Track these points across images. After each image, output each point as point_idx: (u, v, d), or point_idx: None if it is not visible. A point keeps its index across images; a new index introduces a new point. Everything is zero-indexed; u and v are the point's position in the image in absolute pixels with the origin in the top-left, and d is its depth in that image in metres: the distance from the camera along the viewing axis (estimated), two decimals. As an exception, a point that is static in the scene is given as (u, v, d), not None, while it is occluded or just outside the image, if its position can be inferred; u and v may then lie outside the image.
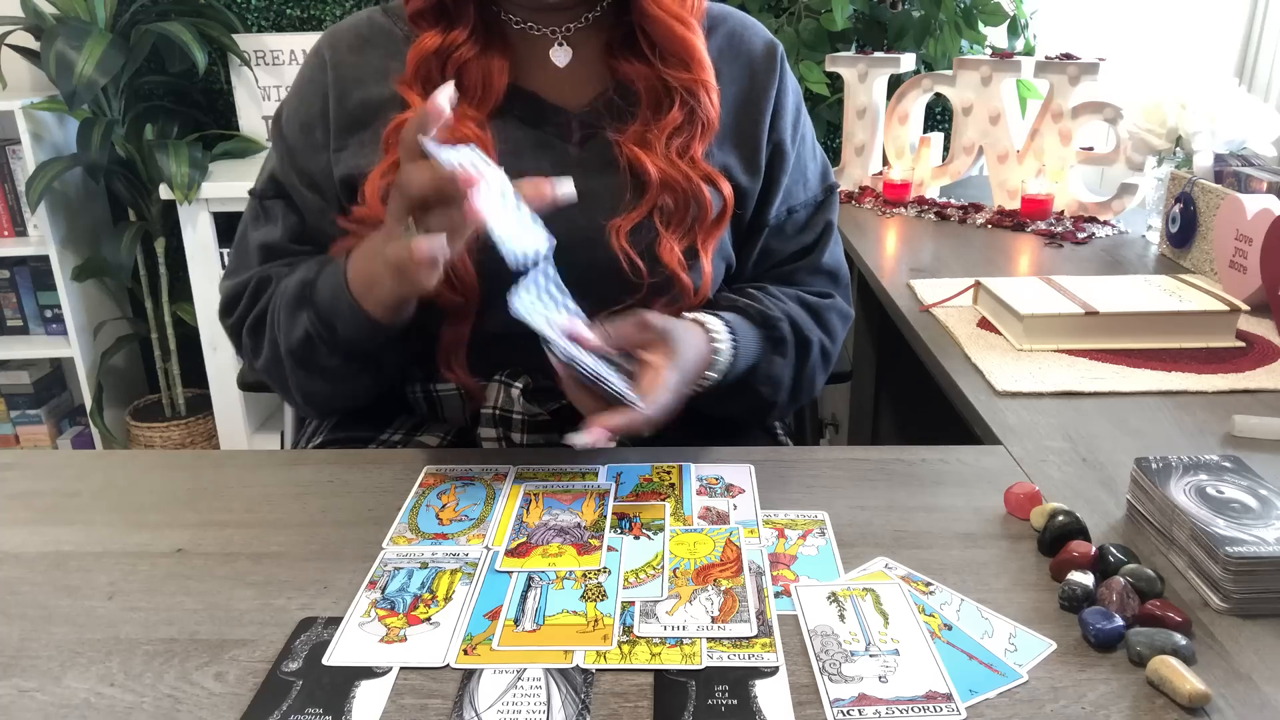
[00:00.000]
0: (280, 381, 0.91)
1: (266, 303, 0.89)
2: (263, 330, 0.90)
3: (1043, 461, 0.84)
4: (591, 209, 0.87)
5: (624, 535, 0.72)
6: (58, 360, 2.59)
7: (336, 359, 0.85)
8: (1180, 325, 1.09)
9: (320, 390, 0.89)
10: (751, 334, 0.89)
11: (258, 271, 0.91)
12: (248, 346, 0.92)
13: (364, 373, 0.88)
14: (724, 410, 0.93)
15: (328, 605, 0.65)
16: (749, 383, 0.91)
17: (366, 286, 0.79)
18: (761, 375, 0.91)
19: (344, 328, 0.82)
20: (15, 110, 2.17)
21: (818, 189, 0.99)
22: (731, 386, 0.89)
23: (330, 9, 2.40)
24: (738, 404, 0.92)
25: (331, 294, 0.82)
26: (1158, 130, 1.52)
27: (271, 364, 0.90)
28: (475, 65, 0.88)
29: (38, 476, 0.84)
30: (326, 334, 0.83)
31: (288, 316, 0.86)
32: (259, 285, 0.90)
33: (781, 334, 0.91)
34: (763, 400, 0.92)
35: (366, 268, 0.79)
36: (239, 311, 0.92)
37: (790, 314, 0.92)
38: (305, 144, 0.91)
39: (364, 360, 0.86)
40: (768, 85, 0.94)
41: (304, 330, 0.84)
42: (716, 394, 0.88)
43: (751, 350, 0.89)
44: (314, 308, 0.83)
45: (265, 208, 0.94)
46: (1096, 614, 0.60)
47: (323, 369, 0.86)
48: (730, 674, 0.57)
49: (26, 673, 0.59)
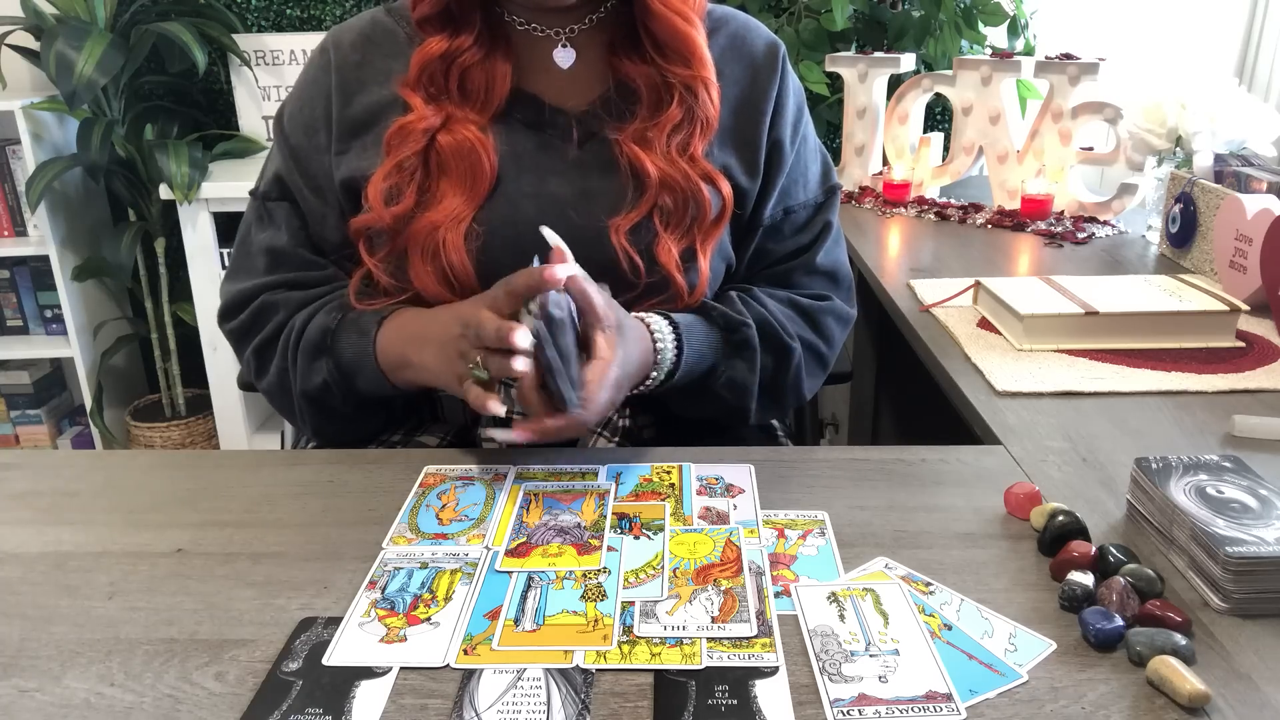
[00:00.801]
0: (287, 408, 0.93)
1: (275, 331, 0.91)
2: (269, 355, 0.91)
3: (1043, 461, 0.84)
4: (592, 209, 0.87)
5: (624, 535, 0.72)
6: (58, 360, 2.59)
7: (350, 407, 0.89)
8: (1180, 325, 1.09)
9: (332, 429, 0.93)
10: (707, 337, 0.89)
11: (263, 284, 0.92)
12: (251, 365, 0.94)
13: (376, 417, 0.93)
14: (694, 412, 0.93)
15: (328, 605, 0.65)
16: (708, 386, 0.90)
17: (399, 367, 0.84)
18: (722, 379, 0.90)
19: (363, 384, 0.87)
20: (15, 110, 2.17)
21: (818, 190, 0.99)
22: (690, 389, 0.89)
23: (330, 9, 2.40)
24: (704, 407, 0.92)
25: (354, 354, 0.86)
26: (1158, 130, 1.52)
27: (277, 390, 0.92)
28: (479, 69, 0.88)
29: (38, 476, 0.84)
30: (344, 384, 0.87)
31: (305, 361, 0.88)
32: (264, 308, 0.91)
33: (744, 338, 0.90)
34: (727, 405, 0.92)
35: (407, 355, 0.83)
36: (241, 322, 0.93)
37: (765, 318, 0.91)
38: (309, 146, 0.91)
39: (378, 406, 0.91)
40: (769, 86, 0.94)
41: (322, 379, 0.87)
42: (676, 396, 0.88)
43: (704, 353, 0.88)
44: (334, 358, 0.87)
45: (269, 210, 0.94)
46: (1096, 614, 0.60)
47: (338, 413, 0.90)
48: (730, 674, 0.57)
49: (26, 673, 0.59)
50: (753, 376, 0.91)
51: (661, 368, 0.85)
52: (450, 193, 0.86)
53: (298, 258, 0.92)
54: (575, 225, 0.86)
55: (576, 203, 0.88)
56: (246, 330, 0.92)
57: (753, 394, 0.92)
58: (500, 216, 0.87)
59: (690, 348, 0.87)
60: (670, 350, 0.85)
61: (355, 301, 0.89)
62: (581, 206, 0.88)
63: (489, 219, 0.87)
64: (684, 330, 0.87)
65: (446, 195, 0.86)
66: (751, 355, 0.90)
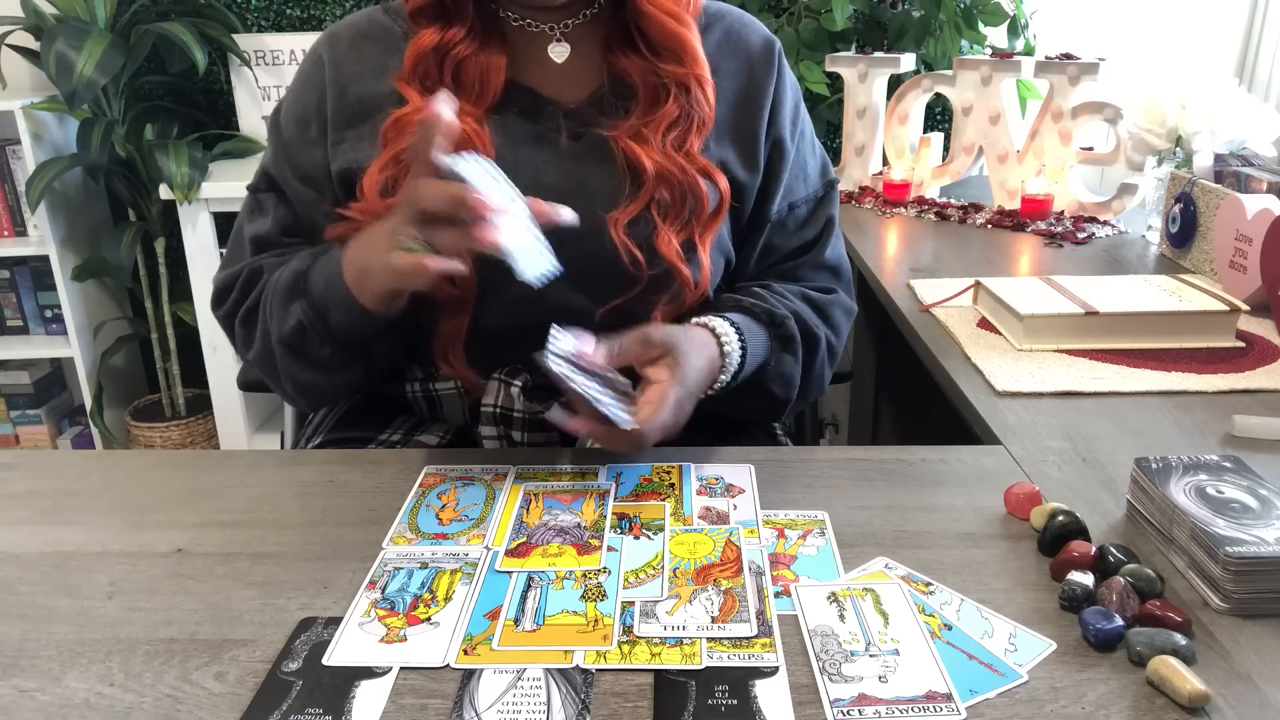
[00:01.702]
0: (271, 372, 0.91)
1: (259, 294, 0.90)
2: (254, 321, 0.90)
3: (1043, 461, 0.84)
4: (590, 202, 0.87)
5: (624, 535, 0.72)
6: (58, 360, 2.59)
7: (328, 348, 0.86)
8: (1180, 325, 1.09)
9: (311, 380, 0.89)
10: (760, 333, 0.89)
11: (249, 262, 0.92)
12: (240, 336, 0.93)
13: (356, 362, 0.88)
14: (736, 411, 0.93)
15: (328, 605, 0.65)
16: (760, 383, 0.91)
17: (361, 277, 0.80)
18: (773, 374, 0.91)
19: (336, 316, 0.83)
20: (15, 110, 2.17)
21: (818, 184, 0.99)
22: (742, 388, 0.89)
23: (330, 9, 2.40)
24: (749, 404, 0.92)
25: (325, 283, 0.83)
26: (1158, 130, 1.52)
27: (263, 355, 0.90)
28: (473, 62, 0.88)
29: (38, 476, 0.84)
30: (319, 322, 0.84)
31: (280, 306, 0.86)
32: (250, 276, 0.91)
33: (789, 331, 0.91)
34: (775, 399, 0.93)
35: (363, 258, 0.79)
36: (230, 301, 0.92)
37: (796, 311, 0.93)
38: (300, 138, 0.92)
39: (355, 350, 0.87)
40: (766, 81, 0.94)
41: (297, 320, 0.85)
42: (727, 396, 0.88)
43: (761, 350, 0.89)
44: (307, 297, 0.84)
45: (259, 201, 0.95)
46: (1096, 614, 0.60)
47: (315, 358, 0.87)
48: (730, 674, 0.57)
49: (26, 673, 0.59)
50: (797, 368, 0.92)
51: (729, 370, 0.86)
52: None
53: (281, 245, 0.93)
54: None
55: (573, 195, 0.88)
56: (235, 307, 0.92)
57: (797, 385, 0.93)
58: None
59: (752, 346, 0.87)
60: (736, 352, 0.86)
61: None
62: (578, 199, 0.87)
63: None
64: (745, 331, 0.87)
65: None
66: (795, 348, 0.92)
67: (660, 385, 0.78)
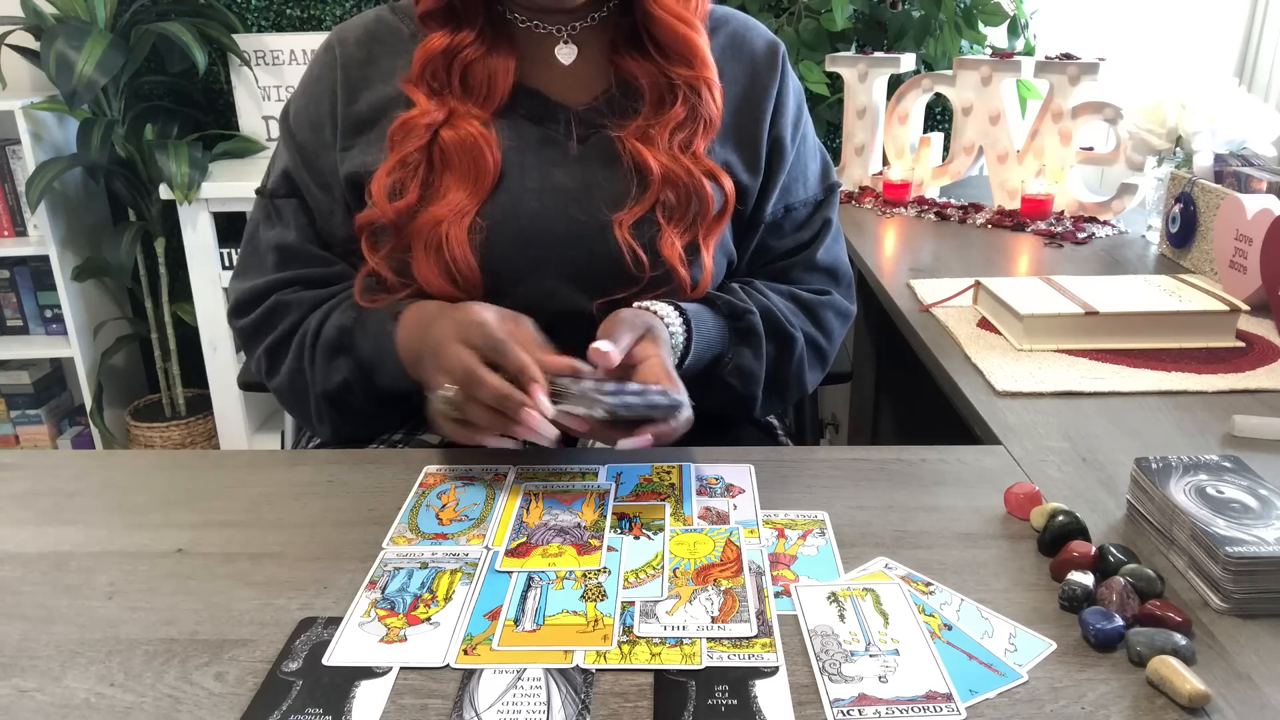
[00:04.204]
0: (299, 407, 0.93)
1: (288, 331, 0.91)
2: (281, 355, 0.91)
3: (1043, 461, 0.84)
4: (595, 203, 0.87)
5: (624, 535, 0.72)
6: (58, 360, 2.59)
7: (371, 405, 0.89)
8: (1180, 325, 1.09)
9: (350, 428, 0.93)
10: (714, 324, 0.89)
11: (273, 280, 0.92)
12: (262, 364, 0.94)
13: (395, 412, 0.93)
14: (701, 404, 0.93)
15: (328, 605, 0.65)
16: (717, 374, 0.91)
17: (414, 360, 0.83)
18: (729, 367, 0.91)
19: (384, 380, 0.86)
20: (15, 110, 2.17)
21: (818, 188, 0.99)
22: (700, 378, 0.89)
23: (330, 9, 2.40)
24: (712, 397, 0.92)
25: (375, 351, 0.85)
26: (1158, 130, 1.52)
27: (288, 387, 0.92)
28: (481, 65, 0.88)
29: (38, 476, 0.84)
30: (365, 383, 0.87)
31: (325, 361, 0.88)
32: (276, 308, 0.91)
33: (749, 325, 0.90)
34: (736, 394, 0.92)
35: (417, 348, 0.82)
36: (252, 321, 0.93)
37: (767, 307, 0.92)
38: (316, 143, 0.92)
39: (398, 402, 0.90)
40: (769, 84, 0.95)
41: (342, 378, 0.87)
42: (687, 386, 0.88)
43: (713, 340, 0.89)
44: (353, 357, 0.87)
45: (277, 207, 0.94)
46: (1096, 614, 0.60)
47: (357, 412, 0.90)
48: (730, 674, 0.57)
49: (26, 673, 0.59)
50: (759, 364, 0.92)
51: (675, 353, 0.85)
52: (454, 187, 0.86)
53: (306, 254, 0.93)
54: (578, 219, 0.87)
55: (579, 197, 0.88)
56: (258, 328, 0.92)
57: (760, 382, 0.92)
58: (504, 211, 0.87)
59: (699, 334, 0.87)
60: (680, 336, 0.86)
61: (360, 299, 0.89)
62: (584, 201, 0.88)
63: (492, 213, 0.87)
64: (692, 317, 0.87)
65: (450, 190, 0.86)
66: (757, 342, 0.91)
67: (656, 359, 0.78)
